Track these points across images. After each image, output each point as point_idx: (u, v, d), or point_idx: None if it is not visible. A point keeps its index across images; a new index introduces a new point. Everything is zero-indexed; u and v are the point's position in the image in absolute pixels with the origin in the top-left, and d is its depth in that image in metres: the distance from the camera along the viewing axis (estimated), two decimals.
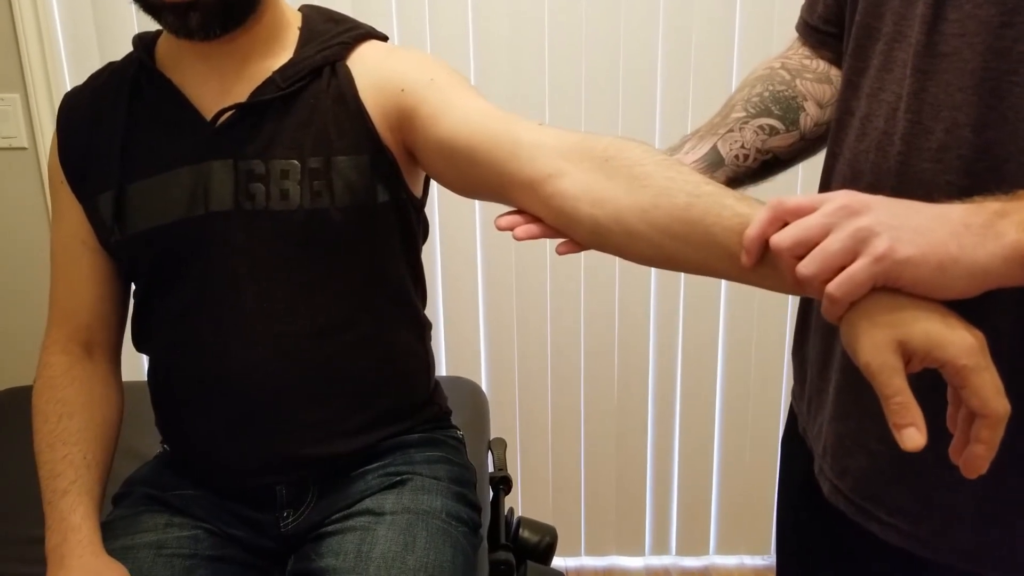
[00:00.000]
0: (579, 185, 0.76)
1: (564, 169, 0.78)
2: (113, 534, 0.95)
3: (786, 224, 0.62)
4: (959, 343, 0.55)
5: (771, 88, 0.88)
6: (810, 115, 0.87)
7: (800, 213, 0.62)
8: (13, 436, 1.35)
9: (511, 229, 0.80)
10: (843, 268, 0.58)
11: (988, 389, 0.55)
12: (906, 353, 0.57)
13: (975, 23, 0.64)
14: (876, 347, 0.57)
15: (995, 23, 0.63)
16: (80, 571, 0.87)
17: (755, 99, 0.87)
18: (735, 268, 0.68)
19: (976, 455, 0.56)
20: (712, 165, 0.85)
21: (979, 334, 0.57)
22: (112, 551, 0.92)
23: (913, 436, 0.56)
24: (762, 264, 0.66)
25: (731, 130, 0.86)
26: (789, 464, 0.96)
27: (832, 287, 0.59)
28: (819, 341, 0.83)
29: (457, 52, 1.80)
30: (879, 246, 0.57)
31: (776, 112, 0.87)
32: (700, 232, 0.69)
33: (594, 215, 0.75)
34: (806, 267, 0.60)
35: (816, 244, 0.60)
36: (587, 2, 1.78)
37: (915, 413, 0.56)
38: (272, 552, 0.99)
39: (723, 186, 0.72)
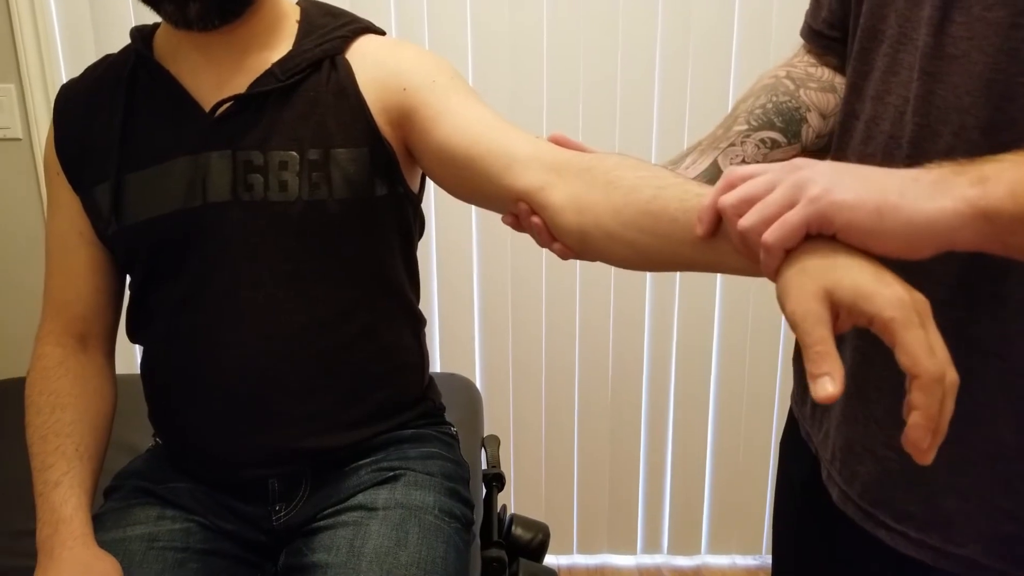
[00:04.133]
0: (565, 195, 0.79)
1: (551, 181, 0.80)
2: (104, 526, 0.95)
3: None
4: (887, 295, 0.53)
5: (775, 99, 0.87)
6: (812, 127, 0.87)
7: (750, 177, 0.61)
8: (6, 428, 1.34)
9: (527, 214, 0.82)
10: None
11: (918, 346, 0.51)
12: (834, 305, 0.55)
13: (984, 25, 0.63)
14: (803, 295, 0.55)
15: (1005, 24, 0.62)
16: (71, 563, 0.87)
17: (758, 111, 0.87)
18: (700, 251, 0.67)
19: (912, 424, 0.51)
20: (712, 180, 0.84)
21: (919, 296, 0.53)
22: (103, 543, 0.91)
23: (825, 385, 0.52)
24: (720, 238, 0.65)
25: (733, 144, 0.86)
26: (789, 468, 0.95)
27: (767, 234, 0.58)
28: None
29: (455, 50, 1.80)
30: (813, 190, 0.57)
31: (779, 125, 0.86)
32: (665, 220, 0.70)
33: (580, 222, 0.77)
34: (745, 219, 0.59)
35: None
36: (586, 2, 1.78)
37: (833, 363, 0.53)
38: (264, 546, 0.99)
39: (691, 179, 0.72)
